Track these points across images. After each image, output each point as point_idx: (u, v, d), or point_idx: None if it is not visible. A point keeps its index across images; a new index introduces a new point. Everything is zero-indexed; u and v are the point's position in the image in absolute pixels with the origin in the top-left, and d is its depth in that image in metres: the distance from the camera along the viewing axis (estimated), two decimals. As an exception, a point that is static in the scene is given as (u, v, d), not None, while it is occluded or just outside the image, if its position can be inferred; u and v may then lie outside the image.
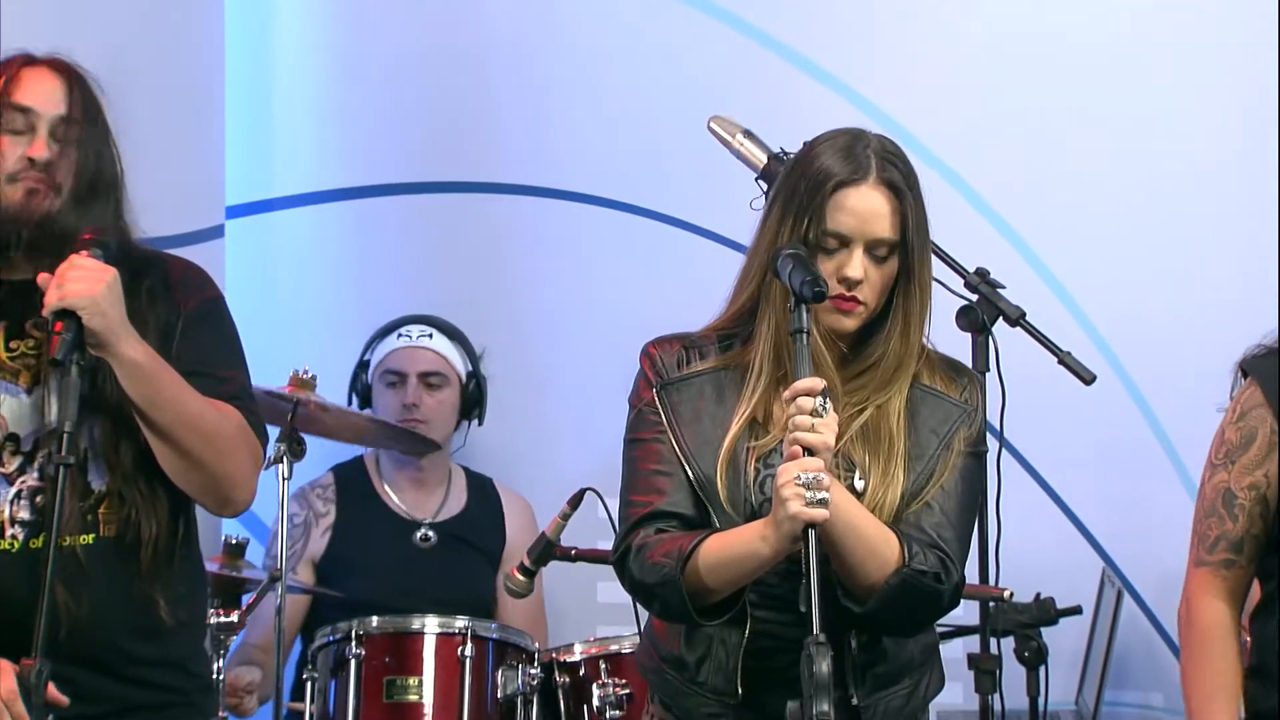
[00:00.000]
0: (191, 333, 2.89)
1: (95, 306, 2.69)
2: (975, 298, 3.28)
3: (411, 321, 4.60)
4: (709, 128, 3.51)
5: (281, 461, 4.00)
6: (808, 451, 2.61)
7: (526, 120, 4.91)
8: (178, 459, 2.81)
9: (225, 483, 2.85)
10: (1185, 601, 3.02)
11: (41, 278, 2.73)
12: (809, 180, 2.77)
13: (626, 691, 3.87)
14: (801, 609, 2.54)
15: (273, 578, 3.99)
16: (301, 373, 4.14)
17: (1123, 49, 4.75)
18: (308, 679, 3.97)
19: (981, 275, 3.30)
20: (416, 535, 4.53)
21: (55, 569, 2.61)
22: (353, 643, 3.90)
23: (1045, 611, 3.29)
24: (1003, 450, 3.22)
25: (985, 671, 3.13)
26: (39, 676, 2.56)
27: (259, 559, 4.49)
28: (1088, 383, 3.29)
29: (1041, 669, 3.24)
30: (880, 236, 2.77)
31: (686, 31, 4.84)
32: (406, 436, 4.45)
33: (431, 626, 3.95)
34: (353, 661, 3.89)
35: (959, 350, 3.23)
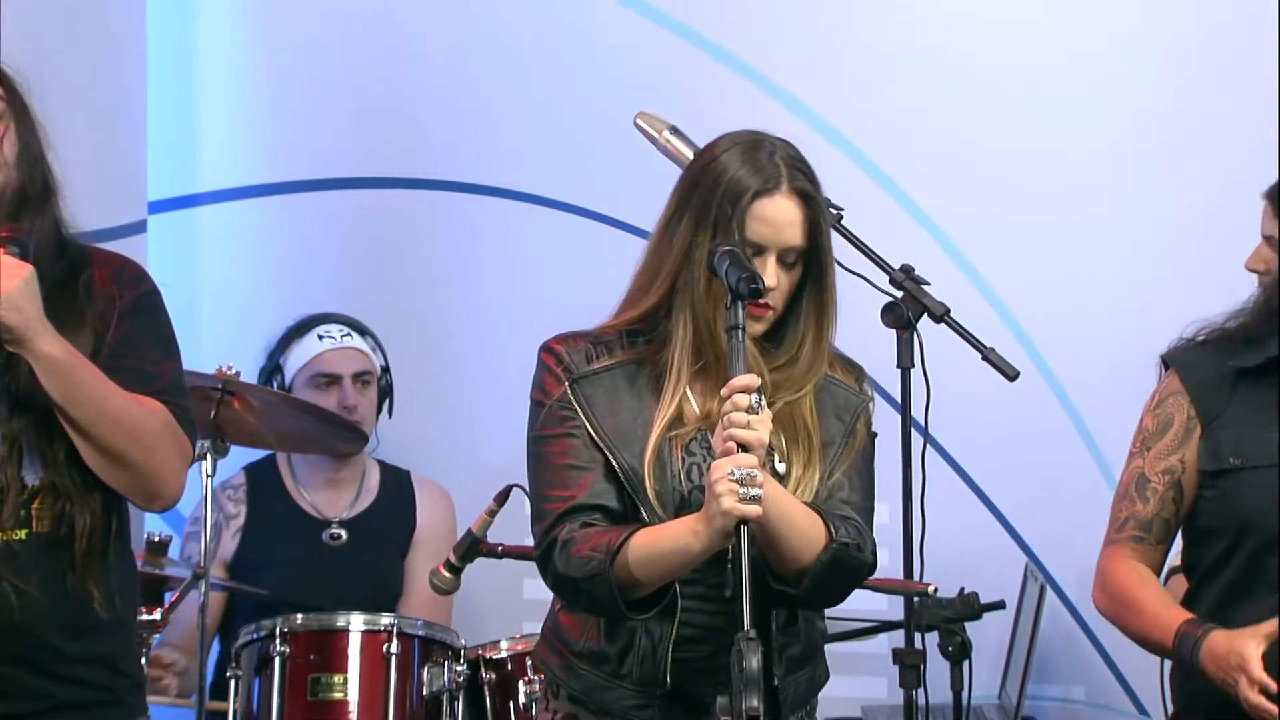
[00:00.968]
0: (125, 326, 2.87)
1: (10, 303, 2.68)
2: (900, 294, 3.29)
3: (324, 321, 4.57)
4: (636, 124, 3.51)
5: (205, 459, 3.98)
6: (742, 448, 2.65)
7: (454, 116, 4.90)
8: (101, 455, 2.79)
9: (152, 478, 2.83)
10: (1097, 575, 3.12)
11: None
12: (723, 192, 2.82)
13: (552, 688, 3.86)
14: (728, 594, 2.60)
15: (196, 575, 3.96)
16: (225, 369, 4.11)
17: (1045, 50, 4.78)
18: (231, 677, 3.95)
19: (906, 272, 3.31)
20: (325, 534, 4.51)
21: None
22: (277, 640, 3.88)
23: (969, 606, 3.32)
24: (927, 446, 3.24)
25: (910, 666, 3.14)
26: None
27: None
28: (1011, 379, 3.31)
29: (965, 663, 3.27)
30: (793, 244, 2.84)
31: (615, 29, 4.84)
32: (340, 434, 4.41)
33: (357, 624, 3.93)
34: (277, 659, 3.87)
35: (884, 346, 3.25)
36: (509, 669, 3.94)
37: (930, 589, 3.23)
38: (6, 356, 2.74)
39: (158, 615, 3.90)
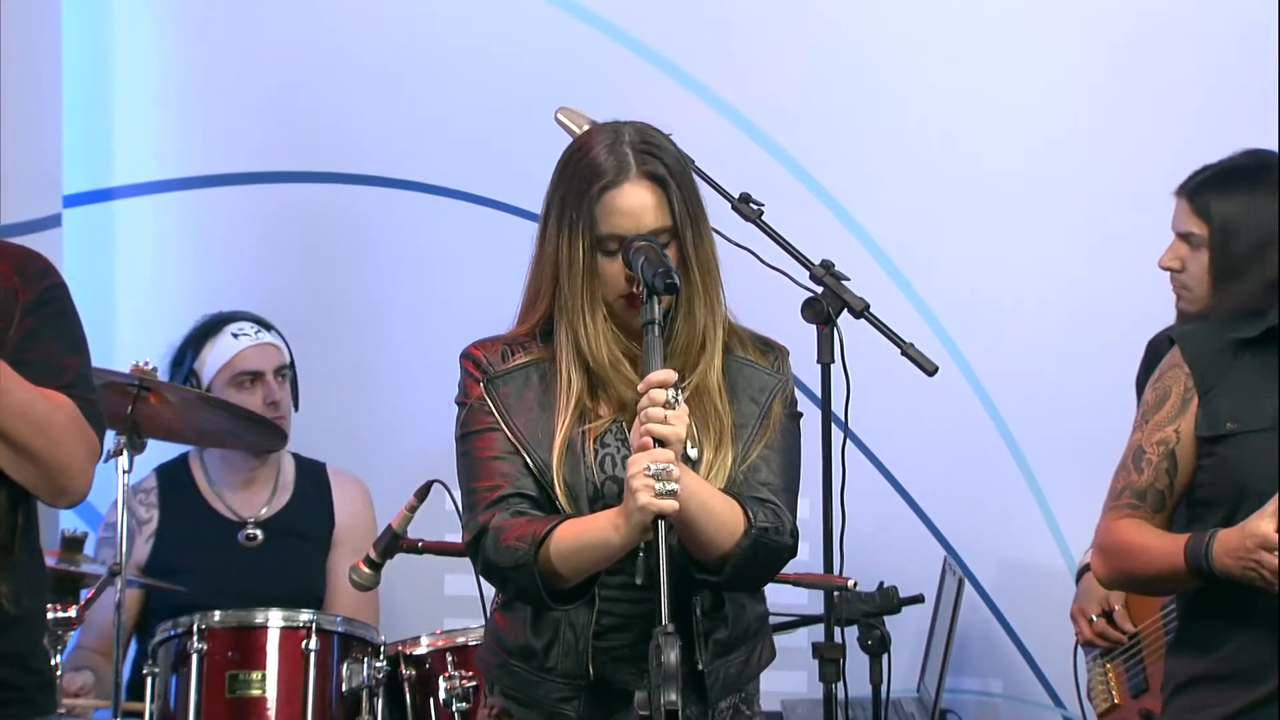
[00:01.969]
0: (29, 320, 2.83)
1: None
2: (820, 290, 3.30)
3: (233, 320, 4.52)
4: (557, 119, 3.50)
5: (122, 454, 3.94)
6: (659, 443, 2.67)
7: (368, 111, 4.87)
8: (6, 449, 2.75)
9: (59, 473, 2.80)
10: (1094, 545, 3.10)
11: None
12: (575, 188, 2.86)
13: (473, 684, 3.85)
14: (638, 582, 2.63)
15: (112, 572, 3.93)
16: (141, 364, 4.08)
17: (963, 46, 4.81)
18: (148, 674, 3.92)
19: (827, 267, 3.32)
20: (241, 535, 4.47)
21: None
22: (195, 637, 3.85)
23: (888, 600, 3.33)
24: (847, 441, 3.25)
25: (829, 660, 3.15)
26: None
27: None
28: (930, 374, 3.32)
29: (885, 657, 3.28)
30: (654, 228, 2.86)
31: (535, 23, 4.83)
32: (259, 431, 4.38)
33: (275, 620, 3.92)
34: (195, 656, 3.84)
35: (805, 342, 3.26)
36: (429, 665, 3.93)
37: (850, 583, 3.24)
38: None
39: (73, 612, 3.86)
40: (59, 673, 3.82)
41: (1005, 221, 4.76)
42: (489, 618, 3.04)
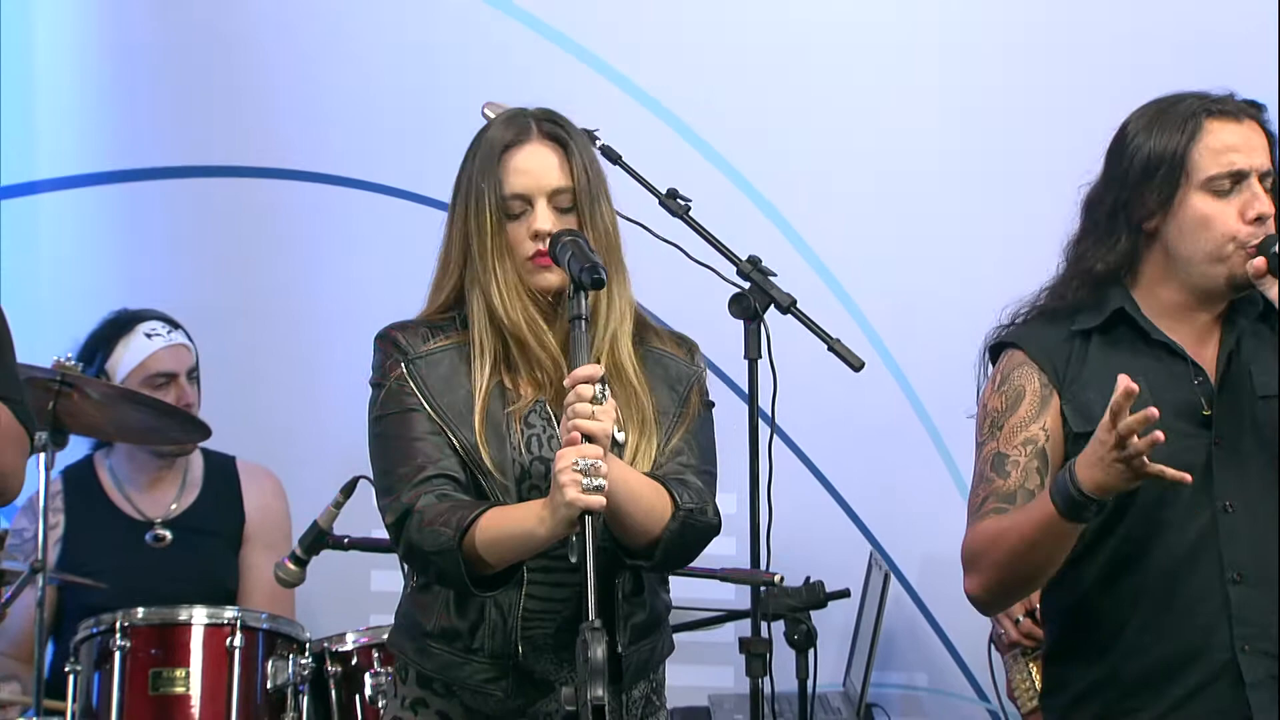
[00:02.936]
0: None
1: None
2: (747, 285, 3.30)
3: (143, 319, 4.48)
4: (484, 114, 3.49)
5: (44, 451, 3.91)
6: (586, 438, 2.67)
7: (297, 104, 4.85)
8: None
9: None
10: (963, 563, 2.95)
11: None
12: (480, 159, 2.92)
13: (399, 680, 3.84)
14: (573, 559, 2.63)
15: (34, 569, 3.89)
16: (64, 360, 4.05)
17: (888, 46, 4.83)
18: (70, 672, 3.89)
19: (753, 263, 3.32)
20: (149, 536, 4.43)
21: None
22: (118, 634, 3.83)
23: (815, 595, 3.33)
24: (774, 437, 3.26)
25: (756, 655, 3.16)
26: None
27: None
28: (856, 369, 3.33)
29: (811, 652, 3.28)
30: (557, 186, 2.91)
31: (461, 17, 4.82)
32: (181, 425, 4.35)
33: (199, 617, 3.90)
34: (117, 653, 3.82)
35: (732, 337, 3.27)
36: (355, 662, 3.92)
37: (776, 578, 3.25)
38: None
39: (-8, 612, 3.83)
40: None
41: (931, 219, 4.79)
42: (405, 599, 3.01)
